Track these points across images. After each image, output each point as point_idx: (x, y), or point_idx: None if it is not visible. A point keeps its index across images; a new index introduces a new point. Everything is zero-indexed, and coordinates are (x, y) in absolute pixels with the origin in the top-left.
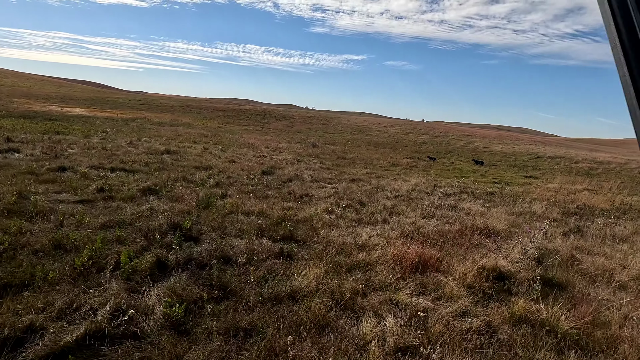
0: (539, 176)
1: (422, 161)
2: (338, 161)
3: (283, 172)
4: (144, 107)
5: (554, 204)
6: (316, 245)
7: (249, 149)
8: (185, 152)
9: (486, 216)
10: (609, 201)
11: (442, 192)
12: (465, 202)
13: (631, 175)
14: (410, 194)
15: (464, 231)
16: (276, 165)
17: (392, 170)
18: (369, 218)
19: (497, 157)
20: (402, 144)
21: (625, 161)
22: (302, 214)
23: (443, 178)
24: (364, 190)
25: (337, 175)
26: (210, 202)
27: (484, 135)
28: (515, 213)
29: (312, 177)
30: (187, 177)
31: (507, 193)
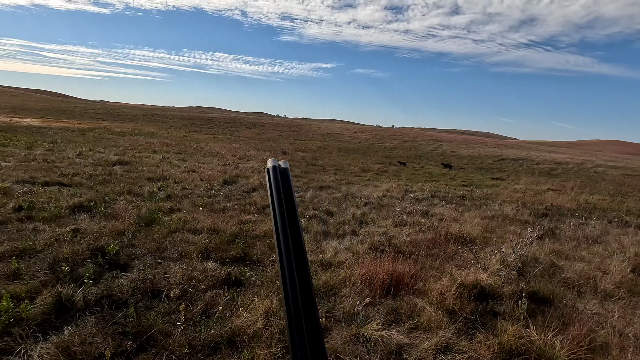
0: (505, 178)
1: (392, 166)
2: (308, 168)
3: (247, 181)
4: (104, 117)
5: (523, 205)
6: (273, 266)
7: (213, 158)
8: (140, 163)
9: (459, 221)
10: (574, 201)
11: (413, 197)
12: (438, 207)
13: (588, 174)
14: (382, 200)
15: (438, 240)
16: (241, 174)
17: (363, 176)
18: (336, 230)
19: (464, 160)
20: (373, 149)
21: (581, 161)
22: (262, 228)
23: (414, 182)
24: (332, 198)
25: (306, 183)
26: (154, 218)
27: (451, 139)
28: (488, 217)
29: None
30: (135, 190)
31: (477, 196)
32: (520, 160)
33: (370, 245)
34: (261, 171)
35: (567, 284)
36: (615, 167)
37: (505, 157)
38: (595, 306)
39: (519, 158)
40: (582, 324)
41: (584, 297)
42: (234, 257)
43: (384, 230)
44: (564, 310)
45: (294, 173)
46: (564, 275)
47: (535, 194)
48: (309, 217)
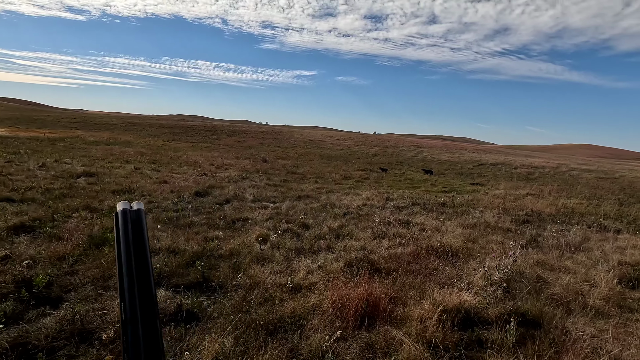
0: (484, 183)
1: (374, 173)
2: (288, 176)
3: (222, 192)
4: (78, 126)
5: (504, 211)
6: (236, 292)
7: (189, 167)
8: (109, 174)
9: (441, 231)
10: (552, 205)
11: (394, 206)
12: (419, 216)
13: (563, 177)
14: (361, 209)
15: (419, 253)
16: (216, 184)
17: (344, 184)
18: (311, 245)
19: (444, 165)
20: (355, 156)
21: (557, 165)
22: (228, 245)
23: (395, 189)
24: (310, 208)
25: (284, 193)
26: (106, 238)
27: (431, 145)
28: (470, 225)
29: (255, 196)
30: (94, 205)
31: (458, 203)
32: (499, 165)
33: (346, 263)
34: (237, 181)
35: (555, 300)
36: (588, 170)
37: (484, 162)
38: (587, 326)
39: (498, 163)
40: (575, 352)
41: (573, 314)
42: (191, 282)
43: (362, 244)
44: (555, 333)
45: (272, 182)
46: (551, 290)
47: (515, 199)
48: (282, 231)
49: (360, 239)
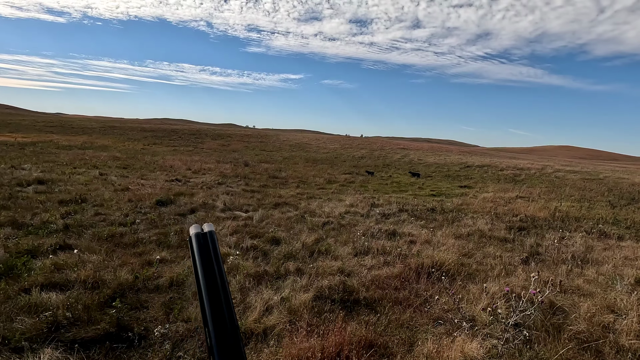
0: (472, 185)
1: (360, 176)
2: (269, 181)
3: (189, 200)
4: (55, 130)
5: (496, 216)
6: (160, 348)
7: (163, 172)
8: (67, 181)
9: (432, 243)
10: (545, 209)
11: (380, 213)
12: (406, 225)
13: (549, 179)
14: (343, 218)
15: (408, 275)
16: (185, 191)
17: (328, 189)
18: (277, 267)
19: (431, 168)
20: (341, 159)
21: (542, 167)
22: (173, 270)
23: (381, 194)
24: (286, 218)
25: (260, 200)
26: (14, 265)
27: (417, 147)
28: (463, 235)
29: (226, 204)
30: (24, 219)
31: (447, 208)
32: (485, 167)
33: (317, 294)
34: (211, 187)
35: (581, 341)
36: (573, 171)
37: (470, 164)
38: None
39: (484, 165)
40: None
41: None
42: (98, 335)
43: (339, 265)
44: None
45: (250, 188)
46: (573, 327)
47: (506, 203)
48: (246, 248)
49: (338, 256)
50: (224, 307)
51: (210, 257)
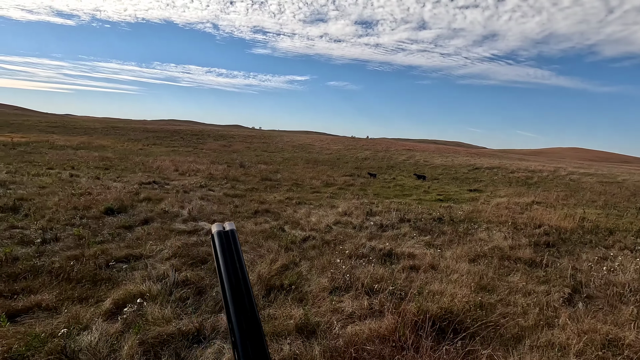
0: (482, 189)
1: (361, 178)
2: (259, 184)
3: (152, 207)
4: (57, 130)
5: (514, 228)
6: None
7: (145, 174)
8: (26, 183)
9: (439, 269)
10: (569, 218)
11: (376, 224)
12: (407, 240)
13: (564, 182)
14: (331, 230)
15: (403, 333)
16: (155, 196)
17: (323, 192)
18: (200, 324)
19: (438, 170)
20: (344, 160)
21: (554, 169)
22: (28, 331)
23: (382, 198)
24: (259, 231)
25: (239, 206)
26: None
27: (424, 149)
28: (478, 256)
29: (194, 212)
30: None
31: (456, 216)
32: (494, 169)
33: None
34: (189, 191)
35: None
36: (587, 174)
37: (479, 166)
38: None
39: (493, 167)
40: None
41: None
42: None
43: (301, 315)
44: None
45: (234, 192)
46: None
47: (522, 210)
48: (172, 283)
49: (306, 296)
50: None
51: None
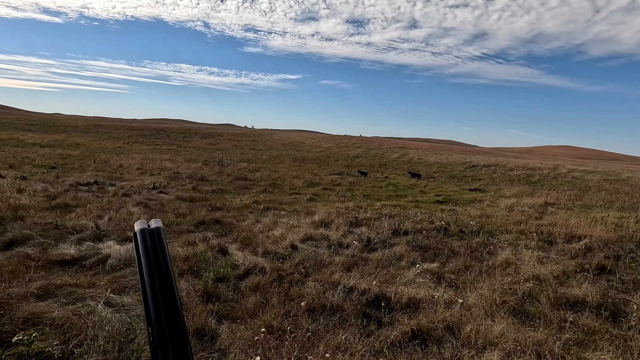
0: (484, 188)
1: (350, 177)
2: (230, 184)
3: (52, 219)
4: (34, 128)
5: (541, 239)
6: None
7: (95, 173)
8: None
9: (462, 335)
10: (600, 224)
11: (361, 239)
12: (404, 270)
13: (567, 180)
14: (294, 253)
15: None
16: (73, 202)
17: (303, 194)
18: None
19: (433, 168)
20: (334, 158)
21: (553, 166)
22: None
23: (372, 201)
24: (182, 258)
25: (185, 214)
26: None
27: (417, 146)
28: (517, 298)
29: (114, 224)
30: None
31: (464, 223)
32: (492, 167)
33: None
34: (132, 193)
35: None
36: (589, 171)
37: (475, 163)
38: None
39: (491, 164)
40: None
41: None
42: None
43: None
44: None
45: (194, 193)
46: None
47: (538, 213)
48: None
49: None
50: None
51: (158, 257)
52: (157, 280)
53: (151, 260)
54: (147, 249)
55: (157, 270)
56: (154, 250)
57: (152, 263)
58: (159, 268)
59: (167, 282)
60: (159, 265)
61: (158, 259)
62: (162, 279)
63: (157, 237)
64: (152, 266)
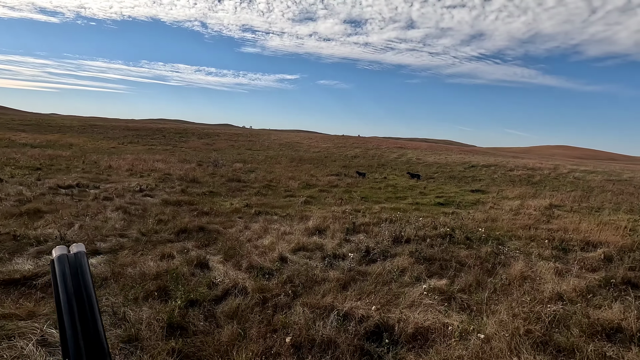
0: (485, 189)
1: (348, 178)
2: (222, 186)
3: (16, 227)
4: (28, 128)
5: (554, 248)
6: None
7: (81, 175)
8: None
9: None
10: (613, 227)
11: (358, 249)
12: (408, 289)
13: (569, 180)
14: (285, 265)
15: None
16: (46, 207)
17: (298, 196)
18: None
19: (432, 168)
20: (332, 158)
21: (554, 166)
22: None
23: (371, 203)
24: (154, 274)
25: (168, 220)
26: None
27: (415, 146)
28: (545, 328)
29: (85, 232)
30: None
31: (469, 229)
32: (492, 167)
33: None
34: (116, 197)
35: None
36: (590, 171)
37: (475, 163)
38: None
39: (490, 164)
40: None
41: None
42: None
43: None
44: None
45: (182, 197)
46: None
47: (545, 216)
48: None
49: None
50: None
51: (79, 284)
52: (77, 311)
53: (70, 290)
54: (64, 278)
55: (77, 301)
56: (74, 279)
57: (72, 293)
58: (79, 298)
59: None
60: (79, 294)
61: (79, 287)
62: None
63: (77, 264)
64: (72, 296)
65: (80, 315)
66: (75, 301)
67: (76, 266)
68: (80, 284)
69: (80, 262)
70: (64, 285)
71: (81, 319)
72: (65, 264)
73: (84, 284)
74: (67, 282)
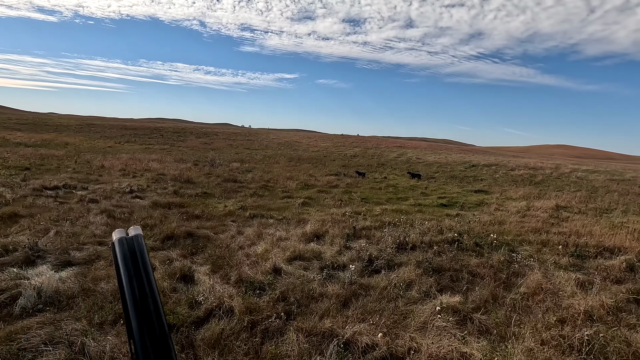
0: (488, 189)
1: (348, 178)
2: (217, 187)
3: None
4: (24, 127)
5: (571, 255)
6: None
7: (71, 175)
8: None
9: None
10: (629, 232)
11: (360, 257)
12: (416, 306)
13: (572, 180)
14: (279, 278)
15: None
16: (25, 212)
17: (296, 197)
18: None
19: (433, 168)
20: (331, 158)
21: (555, 166)
22: None
23: (371, 205)
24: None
25: (155, 225)
26: None
27: (415, 146)
28: (566, 347)
29: (63, 240)
30: None
31: (477, 234)
32: (493, 167)
33: None
34: (103, 199)
35: None
36: (592, 171)
37: (476, 163)
38: None
39: (491, 164)
40: None
41: None
42: None
43: None
44: None
45: (174, 199)
46: None
47: (554, 219)
48: None
49: None
50: (154, 318)
51: (138, 266)
52: (138, 291)
53: (131, 271)
54: (125, 260)
55: (137, 281)
56: (133, 261)
57: (132, 274)
58: (139, 279)
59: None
60: (139, 275)
61: (138, 269)
62: (142, 290)
63: (136, 245)
64: (132, 277)
65: (141, 295)
66: (136, 282)
67: (134, 248)
68: (139, 265)
69: (139, 244)
70: (125, 266)
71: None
72: (125, 246)
73: (143, 265)
74: (127, 264)
